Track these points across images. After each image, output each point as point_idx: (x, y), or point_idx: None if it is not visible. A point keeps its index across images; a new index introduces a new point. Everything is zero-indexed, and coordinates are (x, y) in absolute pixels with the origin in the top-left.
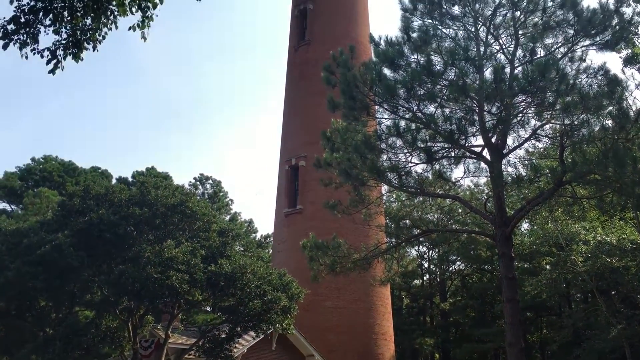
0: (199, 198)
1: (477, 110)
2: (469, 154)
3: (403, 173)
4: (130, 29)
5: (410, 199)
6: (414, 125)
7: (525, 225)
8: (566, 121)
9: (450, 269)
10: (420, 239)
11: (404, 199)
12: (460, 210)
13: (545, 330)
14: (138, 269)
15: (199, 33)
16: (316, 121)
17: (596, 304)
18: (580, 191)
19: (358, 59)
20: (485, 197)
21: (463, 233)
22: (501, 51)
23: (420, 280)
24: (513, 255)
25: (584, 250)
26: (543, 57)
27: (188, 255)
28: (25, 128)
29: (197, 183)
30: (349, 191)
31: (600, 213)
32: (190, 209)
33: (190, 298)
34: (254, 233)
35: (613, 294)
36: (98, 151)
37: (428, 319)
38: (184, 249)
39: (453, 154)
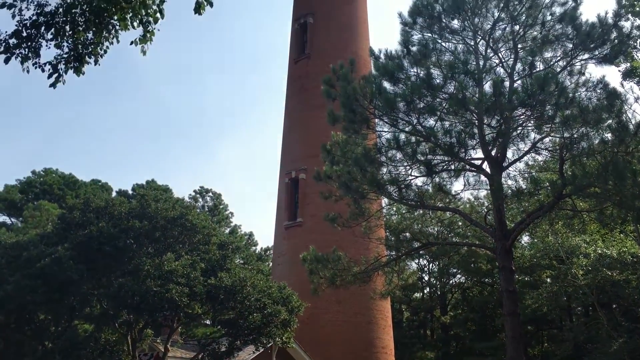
0: (199, 211)
1: (477, 124)
2: (469, 167)
3: (403, 186)
4: (132, 43)
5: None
6: (414, 138)
7: (525, 238)
8: (566, 134)
9: (450, 282)
10: (421, 252)
11: (404, 212)
12: (460, 223)
13: (546, 344)
14: (137, 282)
15: (199, 46)
16: (316, 134)
17: (597, 318)
18: (581, 204)
19: (358, 72)
20: (486, 210)
21: (463, 246)
22: (500, 65)
23: (421, 294)
24: (513, 268)
25: (584, 263)
26: (542, 71)
27: (188, 268)
28: (25, 141)
29: (198, 196)
30: (349, 204)
31: (601, 226)
32: (190, 222)
33: (190, 311)
34: (254, 246)
35: (614, 307)
36: (98, 164)
37: (428, 332)
38: (183, 262)
39: (453, 166)
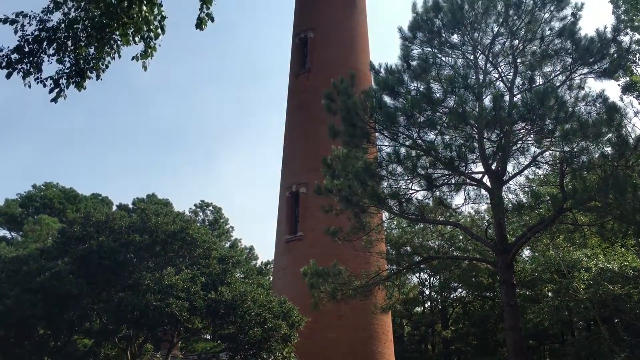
0: (199, 225)
1: (477, 138)
2: (469, 181)
3: (404, 200)
4: (133, 58)
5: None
6: (414, 152)
7: (526, 252)
8: (566, 148)
9: (451, 296)
10: (422, 266)
11: (404, 225)
12: (461, 237)
13: (548, 359)
14: (138, 296)
15: (200, 60)
16: (317, 148)
17: (599, 332)
18: (581, 218)
19: (358, 86)
20: (486, 224)
21: (464, 260)
22: (500, 79)
23: (422, 308)
24: (514, 282)
25: (585, 277)
26: (542, 85)
27: (188, 282)
28: (26, 155)
29: (198, 210)
30: (349, 218)
31: (602, 240)
32: (190, 236)
33: (190, 326)
34: (255, 260)
35: (616, 321)
36: (99, 178)
37: (430, 347)
38: (184, 276)
39: (453, 180)
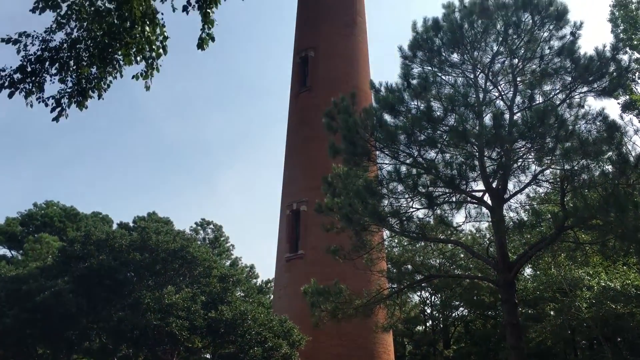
0: (199, 243)
1: (478, 156)
2: (470, 199)
3: (404, 218)
4: (133, 77)
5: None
6: (414, 171)
7: (528, 271)
8: (566, 166)
9: (453, 314)
10: (423, 284)
11: (405, 244)
12: (462, 255)
13: None
14: (137, 315)
15: (200, 79)
16: (317, 166)
17: (602, 351)
18: (583, 236)
19: (359, 105)
20: (488, 242)
21: (465, 278)
22: (500, 97)
23: (423, 327)
24: (516, 301)
25: (588, 296)
26: (542, 104)
27: (188, 301)
28: (27, 173)
29: (199, 228)
30: (350, 236)
31: (604, 258)
32: (191, 255)
33: (190, 345)
34: (255, 278)
35: (619, 340)
36: (100, 196)
37: None
38: (184, 295)
39: (454, 199)
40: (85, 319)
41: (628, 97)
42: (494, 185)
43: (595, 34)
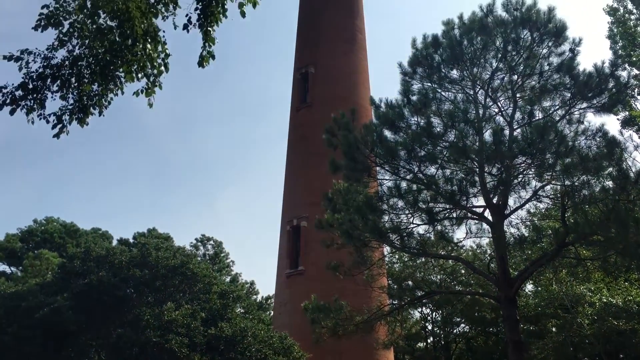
0: (200, 259)
1: (478, 172)
2: (470, 215)
3: (405, 234)
4: (134, 94)
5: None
6: (415, 186)
7: (529, 287)
8: (567, 182)
9: (454, 331)
10: (424, 301)
11: (406, 260)
12: (463, 271)
13: None
14: (137, 332)
15: (200, 95)
16: (318, 182)
17: None
18: (584, 252)
19: (359, 121)
20: (488, 258)
21: (467, 295)
22: (500, 113)
23: (424, 343)
24: (518, 317)
25: (590, 312)
26: (541, 120)
27: (188, 318)
28: (28, 190)
29: (199, 244)
30: (350, 252)
31: (605, 274)
32: (191, 271)
33: None
34: (255, 295)
35: (621, 357)
36: (100, 212)
37: None
38: (184, 312)
39: (455, 214)
40: (84, 336)
41: (627, 113)
42: (495, 201)
43: (594, 50)
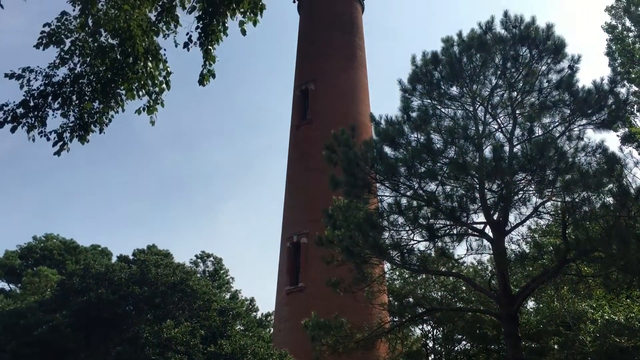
0: (199, 276)
1: (478, 188)
2: (471, 231)
3: (405, 250)
4: (136, 112)
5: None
6: (415, 203)
7: (531, 304)
8: (567, 198)
9: (456, 348)
10: (425, 318)
11: (406, 276)
12: (464, 288)
13: None
14: (136, 350)
15: (201, 111)
16: (318, 198)
17: None
18: (585, 269)
19: (359, 137)
20: (489, 275)
21: (468, 312)
22: (500, 130)
23: None
24: (519, 334)
25: (591, 329)
26: (541, 136)
27: (187, 335)
28: (27, 206)
29: (199, 260)
30: (351, 269)
31: (607, 291)
32: (190, 288)
33: None
34: (255, 311)
35: None
36: (100, 228)
37: None
38: (183, 329)
39: (455, 231)
40: (83, 354)
41: (627, 130)
42: (495, 217)
43: (593, 67)
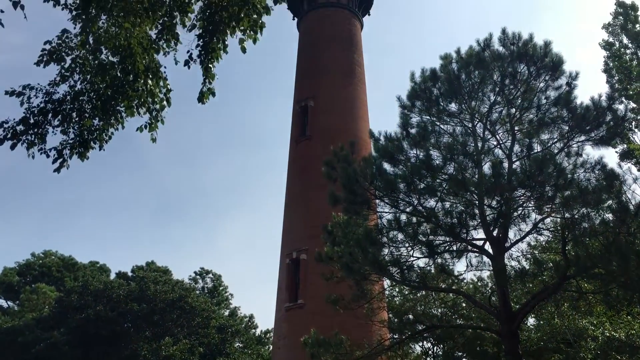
0: (198, 293)
1: (478, 204)
2: (470, 248)
3: (405, 267)
4: (138, 129)
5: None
6: (414, 219)
7: (531, 321)
8: (567, 215)
9: None
10: (425, 335)
11: (406, 293)
12: (464, 305)
13: None
14: None
15: (200, 128)
16: (317, 215)
17: None
18: (585, 285)
19: (358, 153)
20: (489, 291)
21: (468, 328)
22: (499, 146)
23: None
24: (520, 352)
25: (592, 347)
26: (540, 152)
27: (186, 353)
28: (26, 223)
29: (198, 277)
30: (350, 286)
31: (607, 308)
32: (189, 305)
33: None
34: (254, 329)
35: None
36: (99, 245)
37: None
38: (182, 347)
39: (455, 247)
40: None
41: (626, 146)
42: (495, 233)
43: (590, 84)
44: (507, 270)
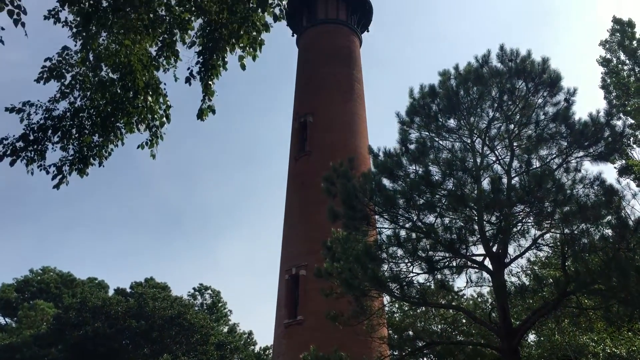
0: (197, 309)
1: (477, 220)
2: (470, 264)
3: (405, 283)
4: (139, 147)
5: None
6: (414, 235)
7: (532, 337)
8: (566, 230)
9: None
10: (425, 351)
11: (406, 309)
12: (464, 321)
13: None
14: None
15: (199, 144)
16: (317, 230)
17: None
18: (586, 301)
19: (357, 169)
20: (490, 307)
21: (468, 345)
22: (497, 162)
23: None
24: None
25: None
26: (539, 168)
27: None
28: (25, 239)
29: (197, 293)
30: (350, 302)
31: (608, 324)
32: (188, 321)
33: None
34: (253, 345)
35: None
36: (97, 261)
37: None
38: None
39: (454, 263)
40: None
41: (624, 162)
42: (494, 249)
43: (588, 100)
44: (507, 286)
